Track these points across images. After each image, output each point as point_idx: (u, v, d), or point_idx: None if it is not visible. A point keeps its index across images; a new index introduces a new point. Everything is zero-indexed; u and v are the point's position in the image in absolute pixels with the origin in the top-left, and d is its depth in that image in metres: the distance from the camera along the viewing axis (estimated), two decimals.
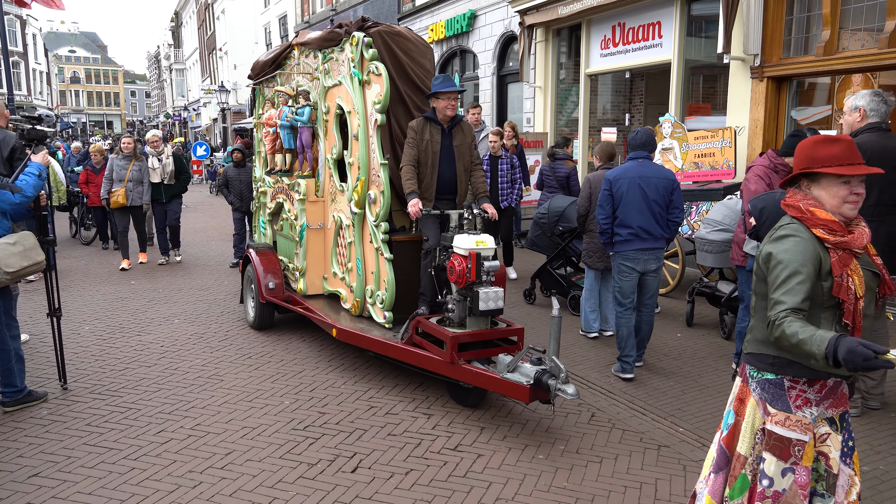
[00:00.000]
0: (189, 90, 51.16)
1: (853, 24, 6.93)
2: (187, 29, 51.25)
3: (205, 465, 3.71)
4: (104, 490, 3.44)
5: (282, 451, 3.88)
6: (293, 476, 3.59)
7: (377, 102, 4.79)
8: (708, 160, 7.50)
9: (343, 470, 3.66)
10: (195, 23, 46.64)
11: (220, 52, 36.71)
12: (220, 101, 27.31)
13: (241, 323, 6.59)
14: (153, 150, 9.06)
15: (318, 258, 5.84)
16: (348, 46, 5.11)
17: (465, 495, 3.41)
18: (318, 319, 5.39)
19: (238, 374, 5.15)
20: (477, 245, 4.20)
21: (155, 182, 9.06)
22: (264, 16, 30.60)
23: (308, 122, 5.78)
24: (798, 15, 7.41)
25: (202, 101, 43.23)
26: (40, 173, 4.36)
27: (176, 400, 4.64)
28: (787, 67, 7.45)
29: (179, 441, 4.00)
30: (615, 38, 10.24)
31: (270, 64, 6.72)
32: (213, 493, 3.41)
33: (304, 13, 24.66)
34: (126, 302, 7.42)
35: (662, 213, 4.94)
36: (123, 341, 5.99)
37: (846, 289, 2.17)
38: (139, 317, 6.81)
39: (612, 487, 3.50)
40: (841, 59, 6.89)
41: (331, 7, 21.34)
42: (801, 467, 2.24)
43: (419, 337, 4.51)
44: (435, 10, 15.20)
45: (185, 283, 8.41)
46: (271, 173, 6.69)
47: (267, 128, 6.59)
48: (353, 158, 5.14)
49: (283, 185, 6.25)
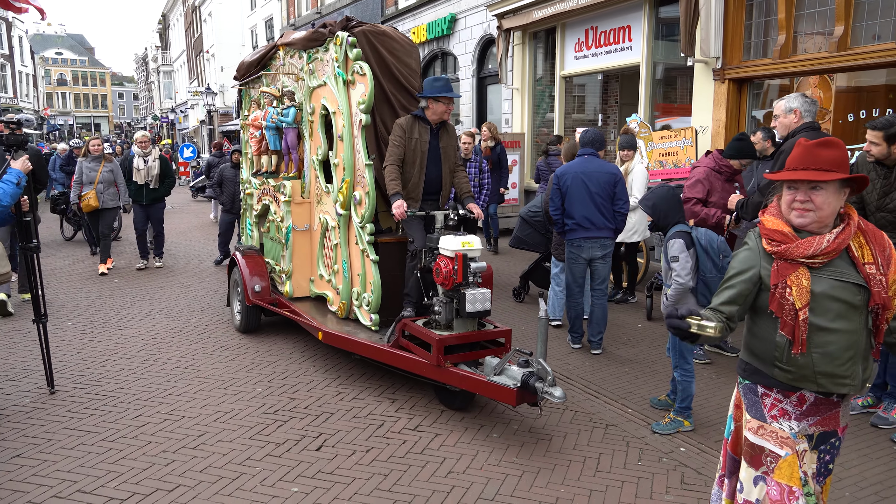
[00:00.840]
0: (177, 92, 51.20)
1: (807, 29, 7.25)
2: (175, 31, 51.27)
3: (178, 445, 3.95)
4: (82, 468, 3.67)
5: (251, 432, 4.12)
6: (261, 454, 3.84)
7: (361, 103, 4.78)
8: (671, 158, 7.80)
9: (308, 448, 3.91)
10: (182, 25, 46.68)
11: (208, 55, 36.82)
12: (206, 103, 27.43)
13: (220, 318, 6.82)
14: (140, 151, 8.92)
15: (305, 260, 5.81)
16: (332, 46, 5.09)
17: (420, 469, 3.67)
18: (304, 322, 5.34)
19: (214, 365, 5.38)
20: (463, 246, 4.16)
21: (139, 184, 8.89)
22: (251, 18, 30.77)
23: (293, 123, 5.78)
24: (756, 20, 7.72)
25: (189, 104, 43.29)
26: (19, 181, 4.24)
27: (153, 388, 4.87)
28: (746, 70, 7.77)
29: (155, 424, 4.24)
30: (588, 41, 10.55)
31: (256, 65, 6.71)
32: (184, 470, 3.65)
33: (289, 16, 24.86)
34: (108, 299, 7.62)
35: (606, 205, 5.27)
36: (105, 335, 6.21)
37: (778, 300, 2.13)
38: (121, 312, 7.02)
39: (557, 461, 3.77)
40: (796, 62, 7.21)
41: (316, 10, 21.56)
42: (772, 480, 2.18)
43: (405, 339, 4.48)
44: (417, 13, 15.47)
45: (166, 281, 8.62)
46: (257, 175, 6.71)
47: (253, 129, 6.61)
48: (338, 159, 5.13)
49: (269, 187, 6.24)
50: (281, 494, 3.40)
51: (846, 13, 6.64)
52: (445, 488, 3.47)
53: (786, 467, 2.17)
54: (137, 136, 9.15)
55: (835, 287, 2.09)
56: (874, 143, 3.99)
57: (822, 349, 2.10)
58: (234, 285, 6.46)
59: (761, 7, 7.64)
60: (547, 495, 3.41)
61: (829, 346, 2.10)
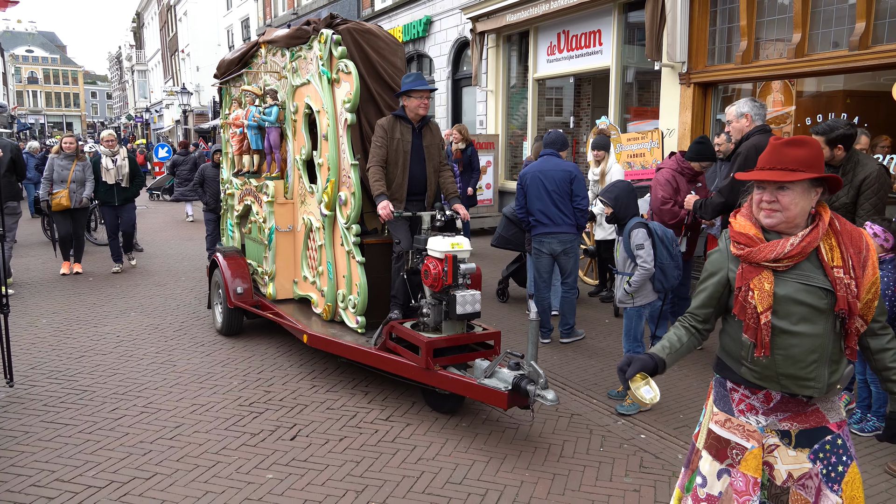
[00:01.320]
0: (151, 91, 50.68)
1: (768, 36, 7.53)
2: (149, 30, 50.76)
3: (155, 436, 4.04)
4: (60, 458, 3.75)
5: (227, 423, 4.23)
6: (237, 444, 3.95)
7: (347, 101, 4.70)
8: (639, 160, 8.03)
9: (283, 438, 4.03)
10: (157, 24, 46.25)
11: (183, 54, 36.55)
12: (181, 102, 27.27)
13: (196, 316, 6.88)
14: (107, 150, 8.67)
15: (288, 262, 5.73)
16: (316, 44, 5.01)
17: (392, 456, 3.81)
18: (288, 325, 5.25)
19: (190, 360, 5.46)
20: (453, 247, 4.10)
21: (108, 184, 8.66)
22: (227, 18, 30.64)
23: (276, 123, 5.70)
24: (720, 26, 7.99)
25: (164, 103, 42.91)
26: None
27: (130, 383, 4.94)
28: (711, 74, 8.03)
29: (132, 417, 4.32)
30: (560, 45, 10.77)
31: (237, 62, 6.60)
32: (161, 459, 3.75)
33: (266, 16, 24.83)
34: (83, 297, 7.64)
35: (564, 202, 5.50)
36: (80, 332, 6.25)
37: (741, 303, 2.14)
38: (95, 310, 7.05)
39: (523, 448, 3.93)
40: (757, 67, 7.48)
41: (293, 10, 21.58)
42: (738, 472, 2.20)
43: (393, 342, 4.43)
44: (392, 15, 15.60)
45: (141, 280, 8.64)
46: (239, 175, 6.60)
47: (234, 128, 6.51)
48: (322, 159, 5.05)
49: (250, 187, 6.13)
50: (256, 481, 3.52)
51: (803, 21, 6.92)
52: (415, 474, 3.61)
53: (752, 459, 2.19)
54: (104, 135, 8.85)
55: (799, 290, 2.07)
56: None
57: (785, 351, 2.09)
58: (216, 287, 6.33)
59: (724, 14, 7.91)
60: (512, 479, 3.57)
61: (791, 348, 2.09)
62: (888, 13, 6.36)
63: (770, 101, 7.82)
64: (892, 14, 6.31)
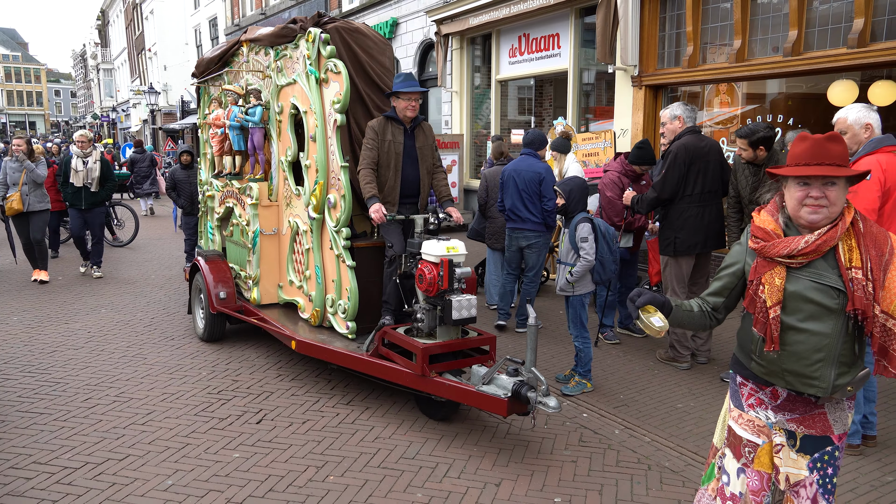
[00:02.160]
0: (118, 90, 49.98)
1: (712, 41, 7.96)
2: (115, 28, 50.05)
3: (127, 422, 4.28)
4: (36, 444, 3.97)
5: (196, 409, 4.48)
6: (205, 428, 4.21)
7: (336, 102, 4.60)
8: (593, 159, 8.42)
9: (249, 422, 4.30)
10: (123, 22, 45.66)
11: (150, 53, 36.21)
12: (149, 102, 27.10)
13: (165, 311, 7.08)
14: (79, 151, 8.38)
15: (273, 266, 5.61)
16: (303, 43, 4.89)
17: (351, 436, 4.10)
18: (274, 331, 5.13)
19: (160, 353, 5.69)
20: (448, 251, 4.04)
21: (76, 186, 8.33)
22: (194, 17, 30.48)
23: (260, 123, 5.57)
24: (669, 32, 8.41)
25: (132, 102, 42.41)
26: None
27: (102, 374, 5.16)
28: (660, 77, 8.45)
29: (105, 405, 4.55)
30: (521, 48, 11.14)
31: (217, 61, 6.42)
32: (134, 442, 3.99)
33: (234, 16, 24.83)
34: (53, 295, 7.78)
35: (532, 200, 5.84)
36: (51, 329, 6.42)
37: (751, 296, 2.17)
38: (66, 308, 7.21)
39: (472, 427, 4.26)
40: (702, 71, 7.91)
41: (261, 11, 21.65)
42: (752, 471, 2.24)
43: (386, 348, 4.32)
44: (359, 17, 15.82)
45: (111, 278, 8.79)
46: (219, 176, 6.42)
47: (214, 128, 6.34)
48: (310, 161, 4.94)
49: (233, 189, 5.97)
50: (223, 460, 3.79)
51: (743, 28, 7.36)
52: (372, 451, 3.92)
53: (763, 455, 2.23)
54: (77, 136, 8.53)
55: (810, 288, 2.08)
56: (742, 148, 4.62)
57: (791, 347, 2.11)
58: (197, 292, 6.16)
59: (673, 20, 8.34)
60: (461, 454, 3.89)
61: (797, 345, 2.10)
62: (817, 22, 6.81)
63: (717, 102, 8.27)
64: (822, 23, 6.77)
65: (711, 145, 5.11)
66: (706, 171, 4.97)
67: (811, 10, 6.83)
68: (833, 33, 6.67)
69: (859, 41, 6.30)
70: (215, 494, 3.42)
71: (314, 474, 3.63)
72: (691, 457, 3.84)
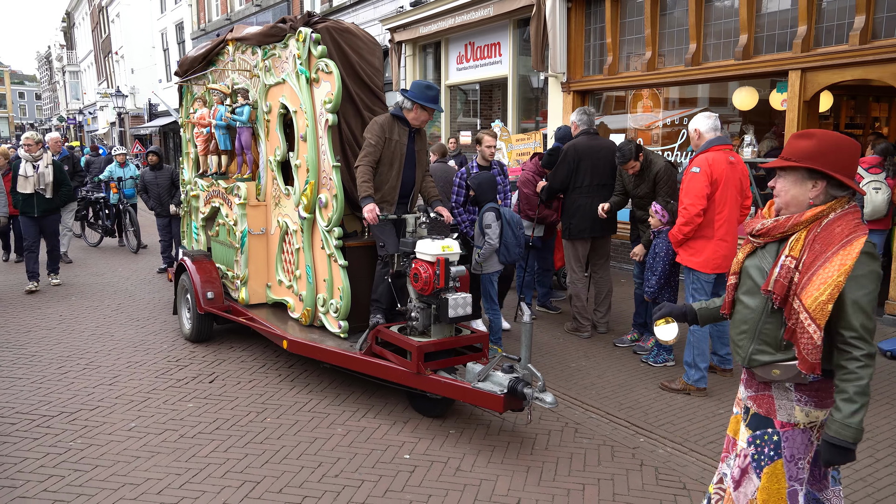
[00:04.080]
0: (84, 93, 49.82)
1: (628, 52, 8.86)
2: (80, 30, 49.89)
3: (96, 383, 4.98)
4: (17, 400, 4.65)
5: (157, 373, 5.20)
6: (164, 386, 4.93)
7: (328, 102, 4.62)
8: (525, 158, 9.25)
9: (202, 381, 5.02)
10: (89, 24, 45.60)
11: (117, 56, 36.38)
12: (116, 105, 27.41)
13: (132, 298, 7.75)
14: (28, 155, 7.68)
15: (261, 265, 5.63)
16: (293, 42, 4.90)
17: (289, 391, 4.85)
18: (264, 330, 5.17)
19: (126, 331, 6.37)
20: (444, 250, 4.09)
21: (27, 193, 7.69)
22: (161, 21, 30.82)
23: (248, 122, 5.57)
24: (593, 42, 9.30)
25: (99, 105, 42.41)
26: None
27: (73, 349, 5.83)
28: (586, 83, 9.34)
29: (76, 372, 5.24)
30: (468, 55, 11.97)
31: (201, 60, 6.38)
32: (102, 398, 4.70)
33: (200, 20, 25.31)
34: (23, 286, 8.36)
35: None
36: (24, 313, 7.05)
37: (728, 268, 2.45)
38: (38, 297, 7.83)
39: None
40: (620, 78, 8.81)
41: (226, 16, 22.21)
42: (727, 435, 2.50)
43: (379, 346, 4.38)
44: None
45: (80, 270, 9.40)
46: (204, 176, 6.46)
47: (199, 128, 6.36)
48: (300, 160, 4.96)
49: (219, 189, 5.96)
50: (179, 409, 4.51)
51: (653, 41, 8.27)
52: (306, 400, 4.67)
53: (733, 423, 2.47)
54: (24, 138, 7.88)
55: (754, 266, 2.27)
56: (632, 167, 5.49)
57: (734, 316, 2.37)
58: (183, 292, 6.13)
59: (595, 32, 9.23)
60: (378, 400, 4.66)
61: (736, 314, 2.35)
62: (712, 37, 7.74)
63: (640, 106, 9.16)
64: (717, 37, 7.70)
65: (605, 145, 5.98)
66: (596, 167, 5.83)
67: (707, 26, 7.76)
68: (725, 47, 7.60)
69: (744, 53, 7.24)
70: (170, 433, 4.15)
71: (254, 418, 4.38)
72: (580, 406, 4.63)
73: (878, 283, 2.09)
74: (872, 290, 2.05)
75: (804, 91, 6.73)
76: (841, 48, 6.42)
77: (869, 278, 2.05)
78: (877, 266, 2.07)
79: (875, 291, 2.06)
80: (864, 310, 2.04)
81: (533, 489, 3.50)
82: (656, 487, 3.52)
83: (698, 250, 4.61)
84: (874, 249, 2.08)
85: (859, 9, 6.24)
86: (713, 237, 4.55)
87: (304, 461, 3.78)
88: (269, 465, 3.72)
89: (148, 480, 3.55)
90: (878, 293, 2.09)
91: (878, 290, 2.09)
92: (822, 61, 6.55)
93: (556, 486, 3.54)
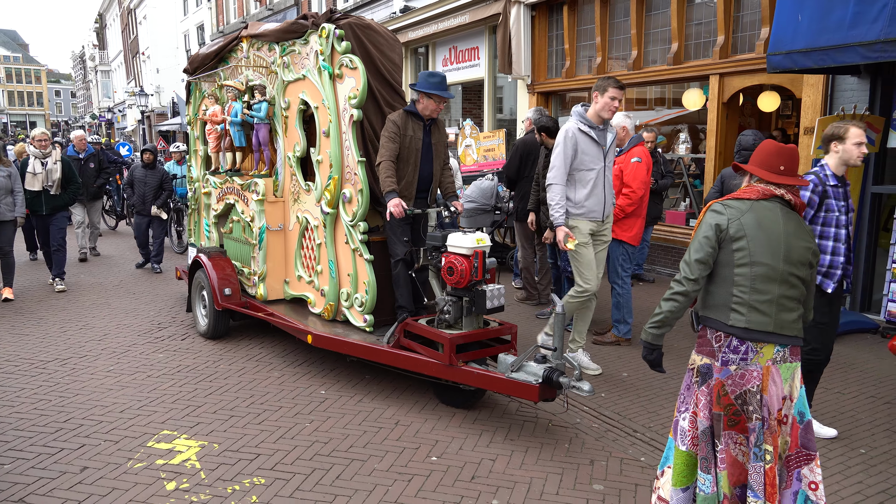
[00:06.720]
0: (115, 91, 51.76)
1: (583, 56, 9.67)
2: (112, 31, 51.83)
3: (88, 339, 6.00)
4: (18, 349, 5.68)
5: (140, 331, 6.20)
6: (143, 342, 5.91)
7: (353, 97, 4.63)
8: (492, 153, 10.11)
9: (176, 338, 6.00)
10: (119, 26, 47.43)
11: (144, 56, 37.97)
12: (140, 104, 28.80)
13: (132, 276, 8.80)
14: (38, 152, 7.75)
15: (279, 261, 5.64)
16: (314, 38, 4.91)
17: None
18: (287, 325, 5.16)
19: (122, 301, 7.40)
20: (478, 243, 4.11)
21: (34, 190, 7.68)
22: (184, 23, 32.23)
23: (265, 119, 5.57)
24: (556, 48, 10.12)
25: (127, 103, 44.16)
26: None
27: (72, 314, 6.87)
28: (549, 85, 10.16)
29: (74, 331, 6.26)
30: (451, 58, 12.84)
31: (213, 57, 6.39)
32: (91, 349, 5.71)
33: (219, 23, 26.56)
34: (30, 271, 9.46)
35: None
36: (32, 288, 8.13)
37: None
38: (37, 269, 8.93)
39: None
40: (576, 81, 9.63)
41: (242, 19, 23.37)
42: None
43: (407, 339, 4.38)
44: None
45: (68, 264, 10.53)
46: (217, 173, 6.49)
47: (212, 125, 6.36)
48: (322, 156, 4.99)
49: (234, 186, 5.95)
50: (152, 358, 5.49)
51: (603, 47, 9.07)
52: (281, 365, 5.62)
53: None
54: (34, 134, 7.90)
55: None
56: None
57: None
58: (198, 289, 6.14)
59: (557, 38, 10.04)
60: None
61: None
62: (651, 44, 8.51)
63: None
64: (654, 44, 8.47)
65: None
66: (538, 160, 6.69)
67: (647, 34, 8.54)
68: (661, 53, 8.37)
69: (675, 59, 8.01)
70: (142, 375, 5.12)
71: (219, 367, 5.32)
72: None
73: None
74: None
75: (722, 93, 7.50)
76: (750, 56, 7.18)
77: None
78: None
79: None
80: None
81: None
82: None
83: (630, 226, 5.56)
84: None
85: (763, 21, 7.00)
86: (640, 215, 5.56)
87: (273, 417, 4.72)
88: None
89: (115, 403, 4.53)
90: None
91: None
92: (735, 67, 7.31)
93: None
